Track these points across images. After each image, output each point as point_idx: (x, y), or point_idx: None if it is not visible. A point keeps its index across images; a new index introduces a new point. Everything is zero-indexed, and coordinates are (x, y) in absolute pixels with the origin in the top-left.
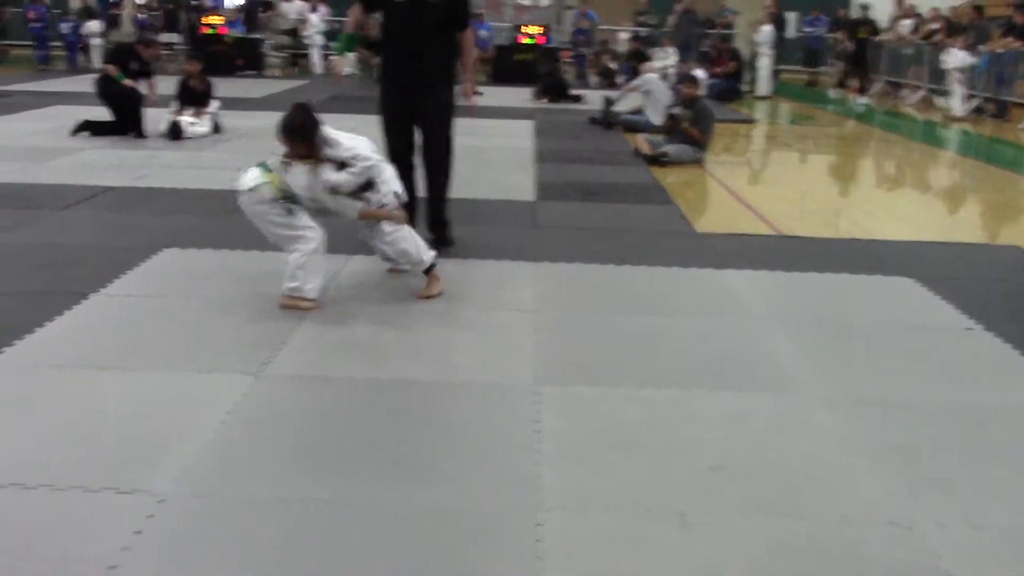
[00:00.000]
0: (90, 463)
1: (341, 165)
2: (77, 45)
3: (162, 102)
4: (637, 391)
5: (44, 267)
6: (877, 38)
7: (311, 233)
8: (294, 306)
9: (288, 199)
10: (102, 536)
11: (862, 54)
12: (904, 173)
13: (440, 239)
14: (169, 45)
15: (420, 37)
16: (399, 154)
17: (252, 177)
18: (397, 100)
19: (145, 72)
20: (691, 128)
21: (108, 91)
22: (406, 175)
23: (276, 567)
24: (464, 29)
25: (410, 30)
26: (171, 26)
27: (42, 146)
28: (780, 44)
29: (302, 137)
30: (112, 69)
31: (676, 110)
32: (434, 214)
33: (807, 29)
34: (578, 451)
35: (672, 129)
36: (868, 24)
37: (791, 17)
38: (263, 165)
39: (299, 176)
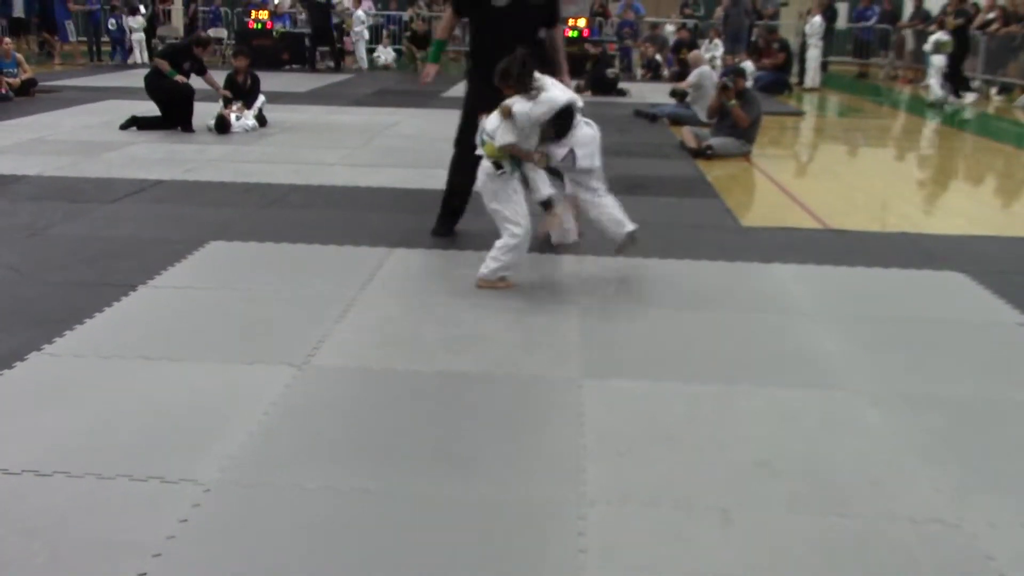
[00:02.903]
0: (136, 452)
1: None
2: (124, 40)
3: (213, 96)
4: (681, 386)
5: (93, 259)
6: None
7: (517, 230)
8: (491, 287)
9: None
10: (147, 525)
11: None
12: (956, 166)
13: None
14: (218, 40)
15: (523, 39)
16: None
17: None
18: (493, 99)
19: (198, 70)
20: (739, 110)
21: (158, 86)
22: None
23: (319, 557)
24: (557, 24)
25: (513, 32)
26: (218, 21)
27: (93, 140)
28: (830, 35)
29: (506, 80)
30: (164, 64)
31: (727, 79)
32: None
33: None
34: (621, 445)
35: (719, 110)
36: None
37: (842, 8)
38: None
39: (492, 120)
